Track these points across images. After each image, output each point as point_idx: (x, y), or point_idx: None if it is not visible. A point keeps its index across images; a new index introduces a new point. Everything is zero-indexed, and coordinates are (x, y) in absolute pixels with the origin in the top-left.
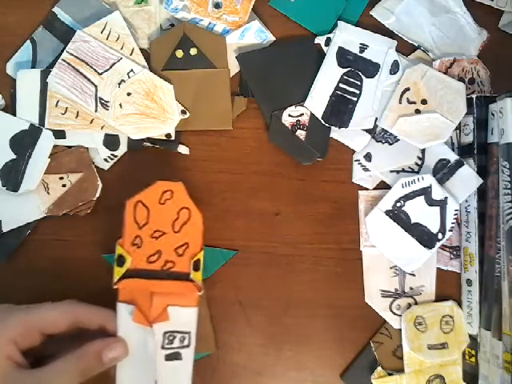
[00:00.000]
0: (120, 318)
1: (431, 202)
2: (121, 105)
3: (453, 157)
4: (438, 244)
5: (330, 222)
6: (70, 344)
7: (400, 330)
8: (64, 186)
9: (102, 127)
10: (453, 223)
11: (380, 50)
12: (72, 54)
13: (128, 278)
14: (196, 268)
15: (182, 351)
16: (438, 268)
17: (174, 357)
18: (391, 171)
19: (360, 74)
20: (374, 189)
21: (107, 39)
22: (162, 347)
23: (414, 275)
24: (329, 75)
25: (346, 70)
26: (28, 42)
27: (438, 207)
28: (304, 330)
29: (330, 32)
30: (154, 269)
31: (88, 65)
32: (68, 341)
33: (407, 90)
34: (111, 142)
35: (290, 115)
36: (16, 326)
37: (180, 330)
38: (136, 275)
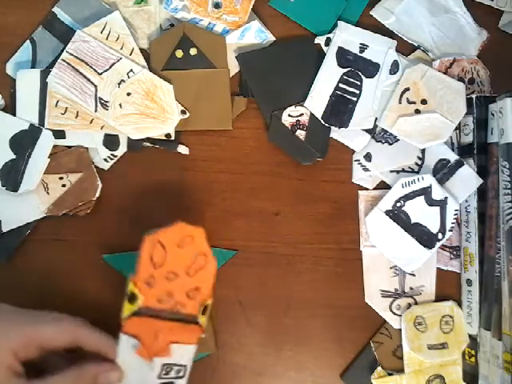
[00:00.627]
0: (121, 348)
1: (431, 202)
2: (120, 105)
3: (453, 157)
4: (438, 244)
5: (330, 222)
6: (69, 360)
7: (400, 329)
8: (64, 185)
9: (101, 127)
10: (453, 223)
11: (380, 49)
12: (72, 54)
13: (137, 316)
14: (203, 312)
15: (176, 381)
16: (438, 268)
17: None
18: (391, 171)
19: (360, 74)
20: (374, 189)
21: (107, 39)
22: (159, 377)
23: (414, 275)
24: (329, 75)
25: (345, 69)
26: (28, 42)
27: (438, 207)
28: (304, 330)
29: (329, 32)
30: (164, 308)
31: (88, 65)
32: (68, 356)
33: (407, 89)
34: (111, 142)
35: (289, 115)
36: (16, 338)
37: (178, 363)
38: (145, 313)
